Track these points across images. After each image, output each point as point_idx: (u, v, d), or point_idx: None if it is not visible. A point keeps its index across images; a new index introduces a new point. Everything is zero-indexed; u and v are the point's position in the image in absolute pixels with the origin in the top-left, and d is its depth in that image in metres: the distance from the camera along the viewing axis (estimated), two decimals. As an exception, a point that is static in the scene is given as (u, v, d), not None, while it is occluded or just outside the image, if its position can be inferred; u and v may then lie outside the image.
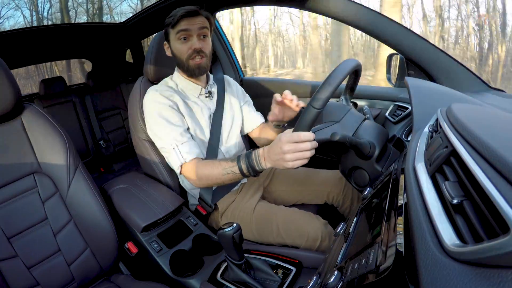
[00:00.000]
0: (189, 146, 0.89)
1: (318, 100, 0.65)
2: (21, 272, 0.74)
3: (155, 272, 0.84)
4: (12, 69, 0.96)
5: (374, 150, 0.77)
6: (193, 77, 0.97)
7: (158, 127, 0.90)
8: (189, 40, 0.90)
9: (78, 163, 0.85)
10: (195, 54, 0.91)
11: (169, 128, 0.89)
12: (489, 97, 0.92)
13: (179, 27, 0.89)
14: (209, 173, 0.84)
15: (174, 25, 0.89)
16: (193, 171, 0.87)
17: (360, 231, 0.50)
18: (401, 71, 1.12)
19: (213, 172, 0.83)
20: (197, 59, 0.91)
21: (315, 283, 0.49)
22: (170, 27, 0.90)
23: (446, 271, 0.25)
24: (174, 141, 0.88)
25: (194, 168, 0.86)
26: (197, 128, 0.97)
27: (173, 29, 0.90)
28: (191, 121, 0.96)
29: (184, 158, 0.87)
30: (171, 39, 0.93)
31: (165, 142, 0.90)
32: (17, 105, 0.78)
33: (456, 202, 0.30)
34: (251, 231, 0.94)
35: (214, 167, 0.83)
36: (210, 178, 0.84)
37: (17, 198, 0.77)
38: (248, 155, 0.77)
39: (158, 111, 0.90)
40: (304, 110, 0.68)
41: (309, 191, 1.09)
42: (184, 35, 0.89)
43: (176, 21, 0.88)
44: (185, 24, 0.88)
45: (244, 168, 0.77)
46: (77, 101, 2.17)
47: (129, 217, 0.87)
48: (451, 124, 0.42)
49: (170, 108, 0.91)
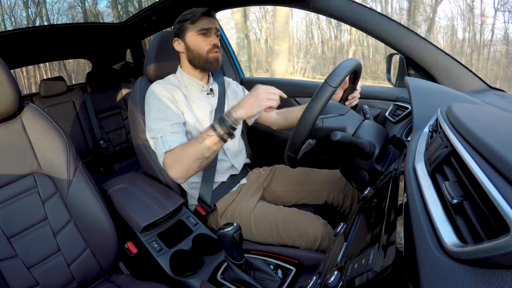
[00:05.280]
0: (176, 137, 0.90)
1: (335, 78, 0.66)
2: (21, 272, 0.74)
3: (155, 272, 0.84)
4: (12, 69, 0.96)
5: (374, 150, 0.77)
6: (209, 70, 1.01)
7: (152, 117, 0.93)
8: (209, 37, 0.96)
9: (78, 163, 0.85)
10: (214, 49, 0.97)
11: (162, 119, 0.91)
12: (489, 97, 0.92)
13: (201, 25, 0.94)
14: (188, 149, 0.86)
15: (195, 22, 0.94)
16: (175, 156, 0.87)
17: (360, 231, 0.50)
18: (401, 71, 1.12)
19: (192, 145, 0.86)
20: (215, 52, 0.97)
21: (315, 283, 0.49)
22: (189, 23, 0.95)
23: (446, 271, 0.25)
24: (163, 131, 0.90)
25: (176, 152, 0.87)
26: (197, 123, 0.98)
27: (193, 25, 0.95)
28: (191, 116, 0.98)
29: (169, 146, 0.88)
30: (189, 35, 0.96)
31: (155, 132, 0.91)
32: (17, 105, 0.78)
33: (456, 202, 0.30)
34: (251, 231, 0.94)
35: (193, 142, 0.87)
36: (190, 154, 0.86)
37: (17, 198, 0.77)
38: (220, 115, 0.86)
39: (155, 102, 0.93)
40: (320, 87, 0.68)
41: (309, 191, 1.09)
42: (204, 31, 0.95)
43: (197, 18, 0.94)
44: (206, 23, 0.95)
45: (217, 126, 0.84)
46: (77, 101, 2.17)
47: (129, 217, 0.87)
48: (451, 124, 0.42)
49: (168, 101, 0.94)
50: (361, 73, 0.92)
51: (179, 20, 0.97)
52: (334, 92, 0.67)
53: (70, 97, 2.15)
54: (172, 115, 0.92)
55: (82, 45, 2.19)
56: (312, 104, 0.67)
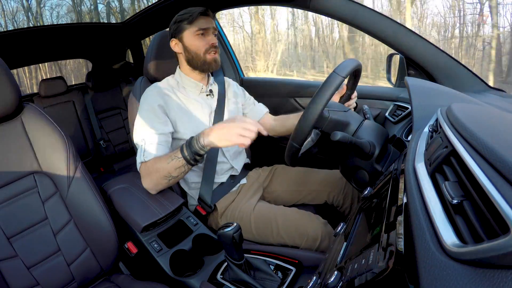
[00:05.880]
0: (154, 148, 0.88)
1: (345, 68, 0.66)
2: (21, 272, 0.74)
3: (155, 272, 0.84)
4: (12, 69, 0.96)
5: (374, 150, 0.77)
6: (207, 71, 1.00)
7: (139, 122, 0.92)
8: (206, 36, 0.95)
9: (78, 163, 0.85)
10: (212, 49, 0.96)
11: (147, 126, 0.91)
12: (489, 97, 0.92)
13: (198, 24, 0.93)
14: (158, 165, 0.85)
15: (192, 21, 0.93)
16: (148, 168, 0.87)
17: (360, 231, 0.50)
18: (401, 71, 1.12)
19: (161, 162, 0.85)
20: (213, 53, 0.96)
21: (315, 283, 0.49)
22: (187, 23, 0.94)
23: (446, 271, 0.25)
24: (145, 139, 0.89)
25: (149, 165, 0.87)
26: (195, 126, 0.98)
27: (191, 25, 0.94)
28: (188, 120, 0.97)
29: (145, 157, 0.88)
30: (186, 35, 0.95)
31: (138, 138, 0.91)
32: (17, 105, 0.78)
33: (456, 202, 0.30)
34: (251, 231, 0.94)
35: (162, 159, 0.85)
36: (158, 170, 0.85)
37: (17, 198, 0.77)
38: (190, 138, 0.84)
39: (146, 108, 0.93)
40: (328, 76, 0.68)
41: (309, 191, 1.09)
42: (202, 31, 0.94)
43: (194, 18, 0.93)
44: (203, 22, 0.94)
45: (185, 149, 0.82)
46: (77, 101, 2.17)
47: (129, 217, 0.87)
48: (451, 124, 0.42)
49: (158, 109, 0.92)
50: (359, 78, 0.92)
51: (176, 20, 0.96)
52: (342, 81, 0.67)
53: (70, 97, 2.15)
54: (158, 124, 0.91)
55: (82, 45, 2.19)
56: (321, 92, 0.67)
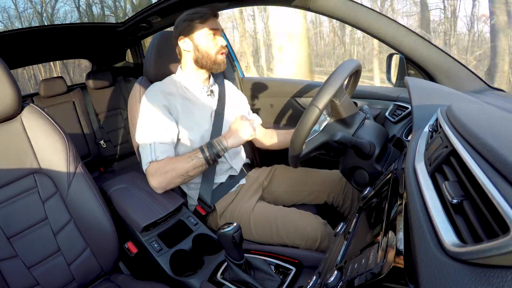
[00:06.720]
0: (165, 148, 0.90)
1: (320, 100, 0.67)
2: (21, 272, 0.74)
3: (155, 272, 0.83)
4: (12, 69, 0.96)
5: (374, 150, 0.77)
6: (215, 71, 1.01)
7: (144, 122, 0.92)
8: (216, 37, 0.96)
9: (78, 163, 0.85)
10: (223, 50, 0.98)
11: (154, 126, 0.91)
12: (489, 97, 0.92)
13: (210, 25, 0.94)
14: (175, 164, 0.88)
15: (205, 21, 0.94)
16: (161, 167, 0.88)
17: (360, 231, 0.50)
18: (401, 71, 1.12)
19: (179, 162, 0.88)
20: (223, 54, 0.99)
21: (315, 283, 0.49)
22: (199, 22, 0.94)
23: (446, 271, 0.25)
24: (153, 138, 0.90)
25: (162, 164, 0.88)
26: (196, 126, 0.98)
27: (203, 24, 0.94)
28: (189, 119, 0.97)
29: (156, 156, 0.89)
30: (198, 34, 0.95)
31: (145, 138, 0.91)
32: (17, 105, 0.78)
33: (456, 202, 0.30)
34: (250, 231, 0.94)
35: (181, 158, 0.89)
36: (175, 169, 0.87)
37: (17, 198, 0.77)
38: (211, 141, 0.92)
39: (150, 107, 0.92)
40: (307, 109, 0.69)
41: (309, 191, 1.09)
42: (213, 32, 0.96)
43: (208, 18, 0.94)
44: (215, 23, 0.96)
45: (205, 149, 0.89)
46: (77, 101, 2.17)
47: (129, 217, 0.87)
48: (451, 123, 0.42)
49: (163, 108, 0.92)
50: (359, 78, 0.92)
51: (187, 19, 0.95)
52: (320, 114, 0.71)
53: (70, 97, 2.15)
54: (165, 124, 0.91)
55: (82, 45, 2.19)
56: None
